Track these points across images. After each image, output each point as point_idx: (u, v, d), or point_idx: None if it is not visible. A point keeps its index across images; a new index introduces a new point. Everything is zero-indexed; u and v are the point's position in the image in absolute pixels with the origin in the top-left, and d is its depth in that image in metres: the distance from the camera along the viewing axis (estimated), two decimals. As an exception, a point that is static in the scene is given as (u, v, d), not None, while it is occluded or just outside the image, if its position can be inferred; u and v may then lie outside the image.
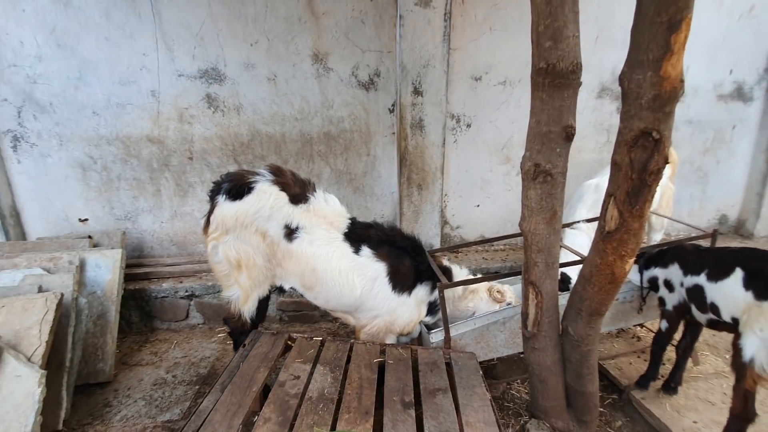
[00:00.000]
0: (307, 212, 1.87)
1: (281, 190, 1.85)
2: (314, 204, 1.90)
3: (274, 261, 1.90)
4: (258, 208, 1.80)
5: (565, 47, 1.28)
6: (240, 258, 1.87)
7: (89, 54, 2.57)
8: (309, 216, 1.87)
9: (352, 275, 1.87)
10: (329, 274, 1.86)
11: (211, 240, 1.89)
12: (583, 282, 1.57)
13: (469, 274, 2.13)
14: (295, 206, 1.86)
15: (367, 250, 1.91)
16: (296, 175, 1.94)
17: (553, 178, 1.47)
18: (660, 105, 1.08)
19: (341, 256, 1.87)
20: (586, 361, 1.70)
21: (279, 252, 1.86)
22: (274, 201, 1.82)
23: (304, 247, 1.84)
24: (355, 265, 1.88)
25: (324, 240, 1.87)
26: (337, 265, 1.86)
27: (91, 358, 2.27)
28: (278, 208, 1.83)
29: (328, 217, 1.91)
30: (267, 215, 1.82)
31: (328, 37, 2.66)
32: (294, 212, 1.85)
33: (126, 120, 2.69)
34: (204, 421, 1.38)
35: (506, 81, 2.86)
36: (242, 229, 1.82)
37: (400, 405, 1.52)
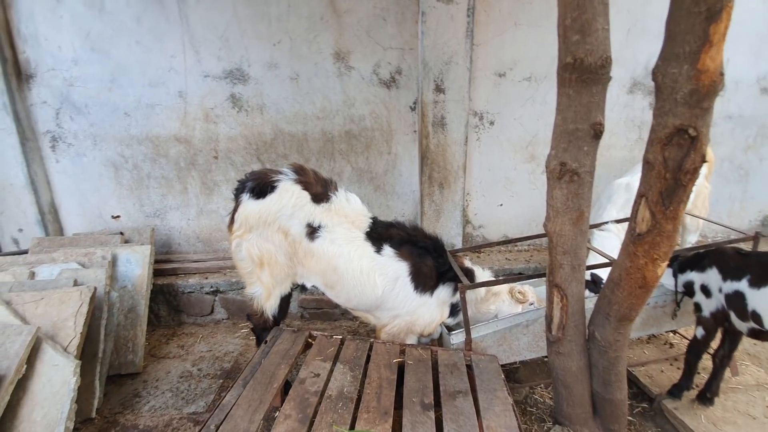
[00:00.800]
0: (328, 211, 1.88)
1: (303, 189, 1.87)
2: (336, 203, 1.90)
3: (295, 259, 1.92)
4: (280, 206, 1.83)
5: (593, 41, 1.23)
6: (263, 256, 1.89)
7: (122, 57, 2.67)
8: (330, 215, 1.88)
9: (374, 274, 1.87)
10: (350, 273, 1.86)
11: (235, 237, 1.92)
12: (611, 286, 1.51)
13: (492, 275, 2.09)
14: (316, 205, 1.87)
15: (389, 249, 1.90)
16: (318, 174, 1.95)
17: (580, 178, 1.41)
18: (697, 100, 1.02)
19: (363, 255, 1.87)
20: (614, 367, 1.63)
21: (301, 250, 1.88)
22: (296, 200, 1.84)
23: (326, 245, 1.85)
24: (376, 264, 1.88)
25: (345, 239, 1.87)
26: (359, 265, 1.86)
27: (122, 350, 2.36)
28: (300, 207, 1.84)
29: (349, 216, 1.91)
30: (289, 213, 1.84)
31: (349, 35, 2.66)
32: (316, 211, 1.86)
33: (155, 120, 2.78)
34: (226, 416, 1.41)
35: (532, 77, 2.78)
36: (265, 227, 1.85)
37: (419, 406, 1.50)
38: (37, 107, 2.74)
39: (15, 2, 2.56)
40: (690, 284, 1.78)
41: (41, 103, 2.73)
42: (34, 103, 2.73)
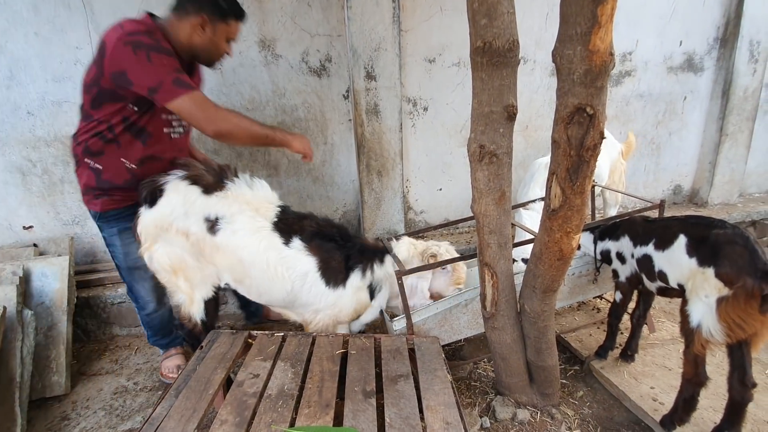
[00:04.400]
0: (225, 199, 1.76)
1: (192, 184, 1.75)
2: (234, 190, 1.78)
3: (203, 259, 1.82)
4: (171, 208, 1.72)
5: (500, 24, 1.26)
6: (173, 263, 1.80)
7: (19, 51, 2.39)
8: (228, 203, 1.76)
9: (281, 269, 1.78)
10: (257, 266, 1.77)
11: (145, 251, 1.81)
12: (534, 260, 1.59)
13: (412, 245, 2.05)
14: (209, 196, 1.75)
15: (299, 242, 1.82)
16: (210, 163, 1.84)
17: (498, 159, 1.46)
18: (591, 80, 1.08)
19: (269, 247, 1.77)
20: (544, 336, 1.73)
21: (206, 248, 1.78)
22: (184, 197, 1.73)
23: (228, 237, 1.74)
24: (284, 258, 1.79)
25: (249, 229, 1.76)
26: (265, 257, 1.76)
27: (45, 371, 2.17)
28: (191, 203, 1.73)
29: (252, 204, 1.79)
30: (182, 213, 1.73)
31: (273, 21, 2.56)
32: (209, 203, 1.74)
33: (64, 119, 2.53)
34: (156, 429, 1.34)
35: (460, 62, 2.84)
36: (166, 233, 1.75)
37: (361, 395, 1.51)
38: None
39: None
40: (607, 252, 1.92)
41: None
42: None
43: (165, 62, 1.61)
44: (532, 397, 1.88)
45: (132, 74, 1.60)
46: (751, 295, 1.32)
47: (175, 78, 1.61)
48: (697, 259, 1.48)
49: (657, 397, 1.82)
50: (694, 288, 1.48)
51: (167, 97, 1.62)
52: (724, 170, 3.56)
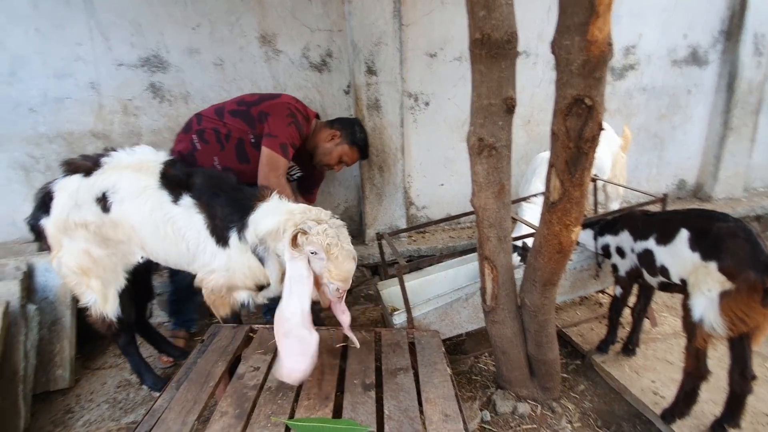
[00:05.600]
0: (104, 173, 1.72)
1: (71, 175, 1.74)
2: (110, 162, 1.74)
3: (110, 243, 1.77)
4: (62, 206, 1.71)
5: (498, 15, 1.25)
6: (80, 263, 1.76)
7: (18, 47, 2.40)
8: (108, 175, 1.71)
9: (170, 228, 1.70)
10: (147, 229, 1.71)
11: (54, 260, 1.80)
12: (534, 253, 1.58)
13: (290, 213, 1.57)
14: (89, 177, 1.72)
15: (189, 199, 1.70)
16: (89, 154, 1.81)
17: (497, 152, 1.46)
18: (590, 70, 1.07)
19: (155, 207, 1.69)
20: (544, 330, 1.73)
21: (107, 229, 1.73)
22: (69, 189, 1.71)
23: (118, 208, 1.69)
24: (171, 216, 1.69)
25: (134, 192, 1.69)
26: (152, 218, 1.69)
27: (49, 365, 2.19)
28: (76, 191, 1.70)
29: (131, 166, 1.73)
30: (73, 205, 1.70)
31: (273, 16, 2.55)
32: (92, 183, 1.70)
33: (66, 115, 2.55)
34: (157, 420, 1.35)
35: (462, 56, 2.83)
36: (67, 234, 1.73)
37: (360, 388, 1.51)
38: None
39: None
40: (607, 247, 1.92)
41: (-75, 101, 2.42)
42: None
43: (291, 133, 2.04)
44: (532, 390, 1.89)
45: (272, 120, 2.03)
46: (754, 288, 1.31)
47: (283, 143, 2.01)
48: (699, 253, 1.47)
49: (658, 391, 1.81)
50: (696, 282, 1.47)
51: (268, 143, 2.00)
52: (728, 164, 3.52)
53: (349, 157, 2.29)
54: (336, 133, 2.24)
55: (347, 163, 2.32)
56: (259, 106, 2.09)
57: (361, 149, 2.32)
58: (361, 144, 2.30)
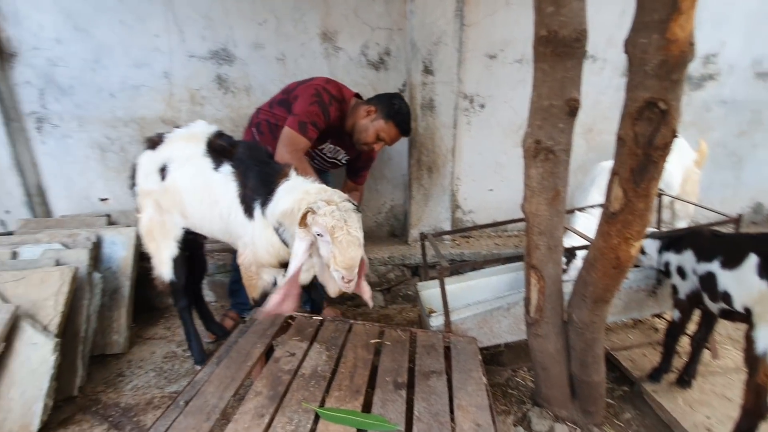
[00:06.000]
0: (165, 146, 1.89)
1: (146, 150, 1.95)
2: (170, 136, 1.91)
3: (163, 211, 1.93)
4: (139, 177, 1.94)
5: (568, 12, 1.19)
6: (148, 226, 1.99)
7: (104, 37, 2.62)
8: (168, 147, 1.88)
9: (207, 193, 1.76)
10: (189, 193, 1.81)
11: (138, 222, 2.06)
12: (587, 267, 1.49)
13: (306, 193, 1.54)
14: (155, 151, 1.90)
15: (228, 167, 1.74)
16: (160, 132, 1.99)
17: (555, 156, 1.39)
18: (667, 72, 0.99)
19: (197, 172, 1.77)
20: (591, 349, 1.63)
21: (162, 197, 1.89)
22: (143, 162, 1.93)
23: (172, 176, 1.83)
24: (210, 182, 1.74)
25: (184, 160, 1.81)
26: (194, 184, 1.78)
27: (107, 330, 2.37)
28: (146, 164, 1.91)
29: (184, 137, 1.87)
30: (144, 176, 1.92)
31: (336, 14, 2.61)
32: (156, 156, 1.89)
33: (141, 102, 2.75)
34: (197, 392, 1.41)
35: (523, 59, 2.74)
36: (143, 200, 1.96)
37: (392, 386, 1.50)
38: (20, 87, 2.71)
39: (-4, -20, 2.52)
40: (668, 265, 1.77)
41: (24, 82, 2.70)
42: (18, 82, 2.70)
43: (312, 111, 2.02)
44: (572, 412, 1.78)
45: (297, 101, 2.07)
46: None
47: (302, 121, 2.00)
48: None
49: (712, 428, 1.66)
50: (763, 313, 1.34)
51: (288, 122, 2.03)
52: (817, 190, 3.15)
53: (386, 133, 2.12)
54: (371, 109, 2.12)
55: (386, 140, 2.16)
56: (294, 91, 2.14)
57: (397, 123, 2.13)
58: (397, 118, 2.12)
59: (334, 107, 2.09)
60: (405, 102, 2.18)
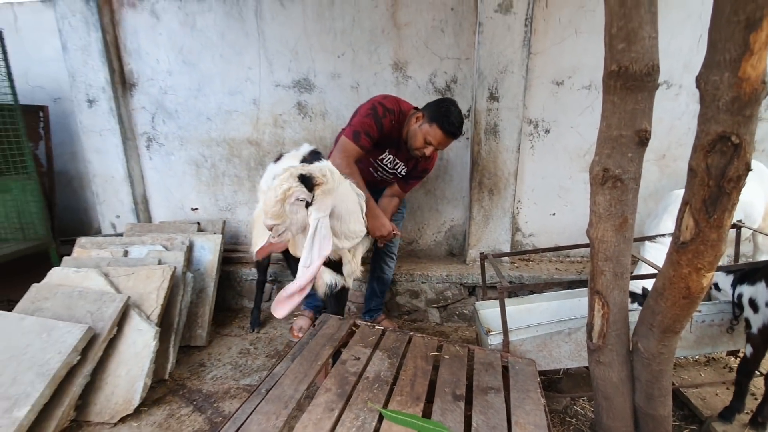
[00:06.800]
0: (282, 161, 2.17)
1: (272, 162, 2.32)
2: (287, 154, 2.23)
3: None
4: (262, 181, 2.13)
5: (639, 49, 1.24)
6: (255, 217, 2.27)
7: (207, 69, 3.03)
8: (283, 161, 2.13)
9: None
10: None
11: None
12: (655, 295, 1.48)
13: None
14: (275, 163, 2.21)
15: None
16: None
17: (623, 184, 1.41)
18: (739, 108, 1.01)
19: None
20: (658, 381, 1.58)
21: None
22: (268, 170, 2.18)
23: None
24: None
25: None
26: None
27: (193, 324, 2.67)
28: (267, 171, 2.15)
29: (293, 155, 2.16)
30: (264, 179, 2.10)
31: (408, 46, 2.81)
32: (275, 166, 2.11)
33: (232, 125, 3.12)
34: (275, 383, 1.58)
35: (591, 85, 2.74)
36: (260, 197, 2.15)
37: (450, 397, 1.57)
38: (137, 112, 3.20)
39: (122, 21, 3.03)
40: (740, 298, 1.69)
41: (140, 108, 3.18)
42: (135, 108, 3.19)
43: (366, 123, 2.20)
44: (636, 447, 1.72)
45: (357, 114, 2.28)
46: None
47: (356, 130, 2.19)
48: None
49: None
50: None
51: (345, 131, 2.24)
52: None
53: (432, 136, 2.16)
54: (420, 115, 2.22)
55: (433, 143, 2.19)
56: (358, 109, 2.31)
57: (441, 125, 2.13)
58: (441, 120, 2.13)
59: (387, 119, 2.22)
60: (454, 105, 2.20)
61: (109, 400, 2.05)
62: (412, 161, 2.42)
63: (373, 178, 2.49)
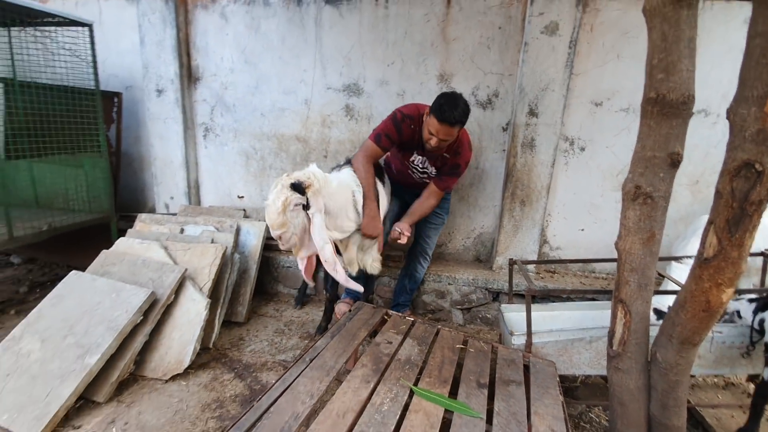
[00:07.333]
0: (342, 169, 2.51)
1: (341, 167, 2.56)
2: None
3: None
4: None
5: (677, 80, 1.37)
6: None
7: (266, 69, 3.29)
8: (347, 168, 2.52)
9: None
10: None
11: None
12: (676, 308, 1.58)
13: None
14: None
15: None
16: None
17: (653, 201, 1.53)
18: (763, 139, 1.13)
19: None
20: (674, 391, 1.67)
21: None
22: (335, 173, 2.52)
23: None
24: None
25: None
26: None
27: (235, 302, 2.90)
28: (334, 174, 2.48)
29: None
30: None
31: (454, 60, 2.98)
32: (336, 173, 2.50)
33: (283, 122, 3.36)
34: (317, 355, 1.77)
35: (629, 108, 2.84)
36: None
37: (475, 383, 1.72)
38: (198, 104, 3.49)
39: (195, 21, 3.32)
40: (762, 323, 1.76)
41: (202, 100, 3.47)
42: (197, 100, 3.48)
43: (386, 125, 2.44)
44: (648, 455, 1.80)
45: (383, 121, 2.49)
46: None
47: (378, 133, 2.43)
48: None
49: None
50: None
51: (370, 135, 2.46)
52: None
53: (432, 126, 2.26)
54: (426, 111, 2.35)
55: (434, 133, 2.27)
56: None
57: (435, 114, 2.22)
58: (435, 111, 2.22)
59: (406, 123, 2.41)
60: (447, 96, 2.26)
61: (163, 359, 2.28)
62: (440, 159, 2.54)
63: (413, 180, 2.66)
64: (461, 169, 2.55)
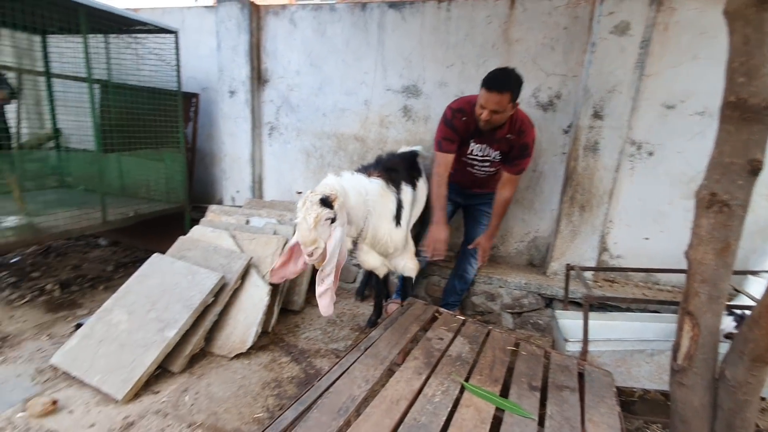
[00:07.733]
0: None
1: None
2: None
3: None
4: None
5: (759, 84, 1.30)
6: None
7: (329, 71, 3.45)
8: None
9: None
10: None
11: None
12: (750, 323, 1.49)
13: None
14: None
15: None
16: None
17: (730, 209, 1.46)
18: None
19: None
20: (742, 411, 1.58)
21: None
22: None
23: None
24: None
25: None
26: None
27: (292, 291, 3.07)
28: None
29: None
30: None
31: (516, 61, 2.95)
32: None
33: (343, 122, 3.50)
34: (372, 344, 1.85)
35: (705, 111, 2.66)
36: None
37: (526, 385, 1.72)
38: (265, 104, 3.72)
39: (266, 26, 3.55)
40: None
41: (269, 101, 3.70)
42: (264, 100, 3.72)
43: (440, 129, 2.54)
44: (711, 477, 1.71)
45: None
46: None
47: (438, 141, 2.54)
48: None
49: None
50: None
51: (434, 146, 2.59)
52: None
53: (482, 98, 2.29)
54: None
55: (483, 105, 2.29)
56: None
57: (482, 85, 2.28)
58: (483, 81, 2.28)
59: (457, 119, 2.46)
60: (500, 68, 2.31)
61: (228, 338, 2.48)
62: (504, 142, 2.50)
63: (473, 176, 2.68)
64: (530, 149, 2.50)
